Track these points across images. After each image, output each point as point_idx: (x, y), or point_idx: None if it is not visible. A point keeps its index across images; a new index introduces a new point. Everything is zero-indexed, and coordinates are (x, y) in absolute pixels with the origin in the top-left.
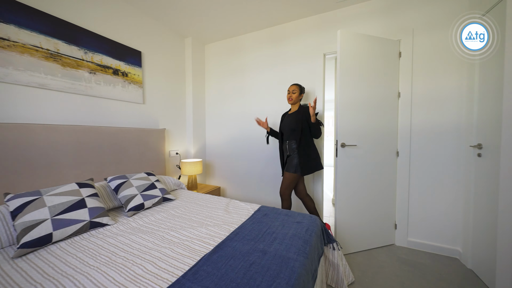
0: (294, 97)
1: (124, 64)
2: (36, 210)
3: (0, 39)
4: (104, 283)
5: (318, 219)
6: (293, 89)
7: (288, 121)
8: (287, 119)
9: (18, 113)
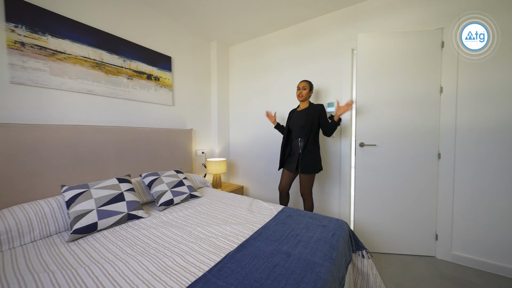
0: (305, 94)
1: (156, 69)
2: (85, 201)
3: (58, 53)
4: (139, 271)
5: (346, 224)
6: (303, 86)
7: (299, 119)
8: (297, 116)
9: (71, 116)
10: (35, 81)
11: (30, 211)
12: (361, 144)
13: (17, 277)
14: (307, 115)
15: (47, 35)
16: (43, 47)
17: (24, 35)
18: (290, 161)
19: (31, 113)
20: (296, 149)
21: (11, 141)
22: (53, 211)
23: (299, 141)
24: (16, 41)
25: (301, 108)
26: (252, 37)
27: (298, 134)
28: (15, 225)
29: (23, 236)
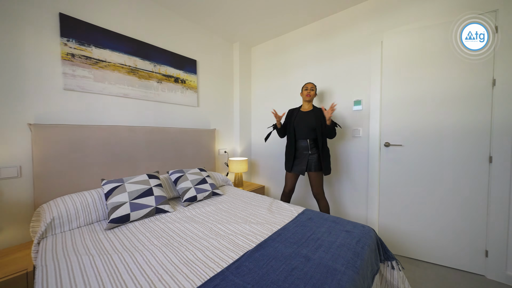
0: (312, 94)
1: (183, 72)
2: (120, 194)
3: (100, 61)
4: (163, 261)
5: (373, 231)
6: (311, 87)
7: (307, 120)
8: (303, 116)
9: (109, 117)
10: (82, 87)
11: (77, 201)
12: (386, 144)
13: (65, 257)
14: (315, 116)
15: (91, 46)
16: (88, 57)
17: (74, 48)
18: (297, 163)
19: (78, 115)
20: (303, 150)
21: (63, 139)
22: (94, 202)
23: (308, 142)
24: (68, 53)
25: (305, 109)
26: (274, 36)
27: (306, 135)
28: (65, 212)
29: (71, 222)
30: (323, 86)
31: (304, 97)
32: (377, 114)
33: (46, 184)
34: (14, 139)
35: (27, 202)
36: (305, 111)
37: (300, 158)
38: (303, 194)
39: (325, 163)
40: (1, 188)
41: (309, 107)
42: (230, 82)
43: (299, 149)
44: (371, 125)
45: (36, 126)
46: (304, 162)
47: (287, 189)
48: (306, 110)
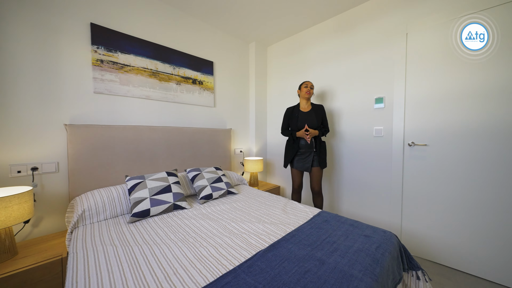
0: (312, 92)
1: (200, 74)
2: (141, 190)
3: (125, 66)
4: (179, 256)
5: (395, 237)
6: (311, 85)
7: (310, 120)
8: (305, 116)
9: (133, 118)
10: (109, 90)
11: (104, 196)
12: (410, 143)
13: (92, 246)
14: (316, 115)
15: (117, 52)
16: (115, 62)
17: (102, 54)
18: (300, 160)
19: (106, 116)
20: (307, 148)
21: (93, 139)
22: (119, 197)
23: (312, 140)
24: (97, 59)
25: (304, 107)
26: (290, 34)
27: None
28: (94, 205)
29: (99, 214)
30: (341, 84)
31: (303, 94)
32: (401, 112)
33: (78, 178)
34: (53, 138)
35: (63, 195)
36: (306, 111)
37: (304, 156)
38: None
39: (323, 158)
40: (42, 181)
41: (308, 106)
42: (246, 82)
43: (303, 147)
44: (395, 124)
45: (71, 126)
46: (309, 160)
47: (296, 185)
48: (307, 110)
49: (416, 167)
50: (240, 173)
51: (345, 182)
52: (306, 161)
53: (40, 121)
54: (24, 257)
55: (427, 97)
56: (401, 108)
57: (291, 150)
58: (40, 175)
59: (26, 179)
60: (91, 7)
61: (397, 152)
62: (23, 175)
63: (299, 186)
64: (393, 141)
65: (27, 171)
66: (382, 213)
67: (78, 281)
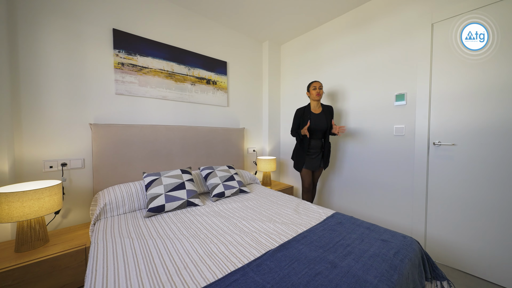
0: (322, 93)
1: (214, 74)
2: (157, 186)
3: (144, 68)
4: (190, 251)
5: (417, 244)
6: (319, 85)
7: (321, 122)
8: (317, 118)
9: (150, 117)
10: (129, 91)
11: (124, 191)
12: (436, 143)
13: (111, 238)
14: (326, 117)
15: (137, 55)
16: (134, 65)
17: (123, 57)
18: (310, 160)
19: (126, 116)
20: (316, 149)
21: (114, 137)
22: (137, 192)
23: (322, 141)
24: (119, 62)
25: (315, 109)
26: (304, 32)
27: (320, 135)
28: (114, 199)
29: (119, 208)
30: (357, 81)
31: (314, 96)
32: (425, 109)
33: (102, 174)
34: (79, 136)
35: (88, 189)
36: (317, 113)
37: (314, 156)
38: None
39: (327, 159)
40: (70, 176)
41: (319, 107)
42: (259, 82)
43: (313, 148)
44: (418, 122)
45: (95, 125)
46: (318, 159)
47: (306, 184)
48: (318, 111)
49: (442, 168)
50: (253, 172)
51: (361, 183)
52: (316, 160)
53: (68, 121)
54: (54, 245)
55: (455, 93)
56: (425, 105)
57: (302, 152)
58: (69, 170)
59: (57, 173)
60: (114, 14)
61: (421, 152)
62: (54, 170)
63: (310, 185)
64: (415, 140)
65: (58, 167)
66: (403, 217)
67: (97, 269)
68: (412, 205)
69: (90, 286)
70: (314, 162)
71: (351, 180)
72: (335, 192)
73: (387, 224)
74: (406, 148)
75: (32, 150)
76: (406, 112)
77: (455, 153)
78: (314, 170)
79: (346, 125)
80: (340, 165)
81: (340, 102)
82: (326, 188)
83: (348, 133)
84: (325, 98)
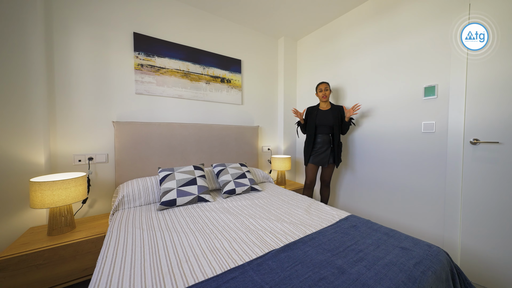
0: (328, 94)
1: (228, 72)
2: (170, 181)
3: (161, 68)
4: (194, 245)
5: (445, 255)
6: (325, 87)
7: (327, 118)
8: (324, 115)
9: (167, 115)
10: (148, 91)
11: (140, 184)
12: (474, 141)
13: (124, 228)
14: (333, 115)
15: (155, 57)
16: (152, 66)
17: (142, 59)
18: (317, 155)
19: (145, 114)
20: (325, 144)
21: (134, 134)
22: (152, 186)
23: (329, 136)
24: (138, 64)
25: (324, 107)
26: (322, 24)
27: (328, 130)
28: (131, 192)
29: (135, 201)
30: (379, 74)
31: (320, 98)
32: (461, 103)
33: (123, 168)
34: (104, 133)
35: (111, 182)
36: (325, 110)
37: (320, 151)
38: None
39: (339, 156)
40: (96, 169)
41: (327, 106)
42: (274, 79)
43: (319, 143)
44: (451, 117)
45: (117, 123)
46: (326, 154)
47: (309, 180)
48: (325, 109)
49: (482, 170)
50: (268, 171)
51: (383, 185)
52: (323, 156)
53: (94, 119)
54: (79, 231)
55: (498, 83)
56: (460, 98)
57: (308, 146)
58: (95, 164)
59: (85, 167)
60: (134, 18)
61: (455, 151)
62: (83, 163)
63: (312, 182)
64: (448, 138)
65: (85, 160)
66: (430, 224)
67: (107, 256)
68: (443, 212)
69: (99, 271)
70: (322, 158)
71: (370, 181)
72: (351, 194)
73: (411, 231)
74: (437, 147)
75: (64, 145)
76: (437, 107)
77: (500, 153)
78: (322, 165)
79: (366, 121)
80: (358, 165)
81: (360, 97)
82: (342, 189)
83: (367, 131)
84: (344, 93)
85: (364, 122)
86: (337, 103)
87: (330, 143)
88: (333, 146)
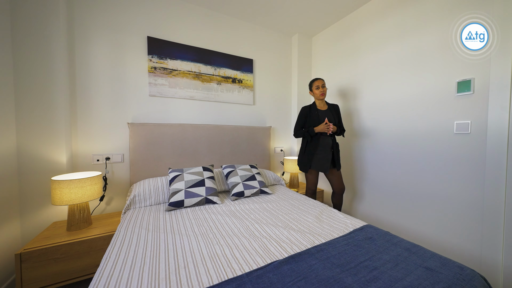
0: (325, 91)
1: (240, 72)
2: (179, 182)
3: (173, 70)
4: (195, 250)
5: (481, 279)
6: (322, 84)
7: (330, 119)
8: (325, 115)
9: (179, 117)
10: (161, 93)
11: (151, 184)
12: None
13: (132, 228)
14: (332, 114)
15: (167, 59)
16: (165, 68)
17: (156, 62)
18: (318, 160)
19: (158, 116)
20: (327, 147)
21: (147, 135)
22: (163, 186)
23: (331, 139)
24: (152, 67)
25: (321, 106)
26: (339, 18)
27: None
28: (142, 192)
29: (146, 201)
30: (402, 69)
31: (318, 96)
32: (504, 99)
33: (137, 168)
34: (120, 134)
35: (126, 181)
36: (324, 110)
37: (321, 155)
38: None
39: (338, 159)
40: (113, 169)
41: (324, 105)
42: (287, 78)
43: (321, 146)
44: (492, 116)
45: (132, 124)
46: (327, 159)
47: (312, 185)
48: (324, 108)
49: None
50: (280, 173)
51: (405, 192)
52: (325, 161)
53: (111, 120)
54: (95, 228)
55: None
56: (504, 93)
57: (310, 151)
58: (111, 164)
59: (102, 166)
60: (148, 23)
61: (496, 155)
62: (101, 163)
63: (315, 187)
64: (488, 139)
65: (103, 160)
66: (464, 240)
67: (111, 256)
68: (481, 227)
69: (101, 270)
70: (322, 163)
71: (391, 188)
72: (369, 201)
73: (439, 248)
74: (473, 150)
75: (84, 146)
76: (473, 104)
77: None
78: (323, 171)
79: (387, 121)
80: (377, 169)
81: (382, 94)
82: (358, 196)
83: (389, 132)
84: (361, 92)
85: (385, 123)
86: (355, 103)
87: (332, 145)
88: (333, 149)
